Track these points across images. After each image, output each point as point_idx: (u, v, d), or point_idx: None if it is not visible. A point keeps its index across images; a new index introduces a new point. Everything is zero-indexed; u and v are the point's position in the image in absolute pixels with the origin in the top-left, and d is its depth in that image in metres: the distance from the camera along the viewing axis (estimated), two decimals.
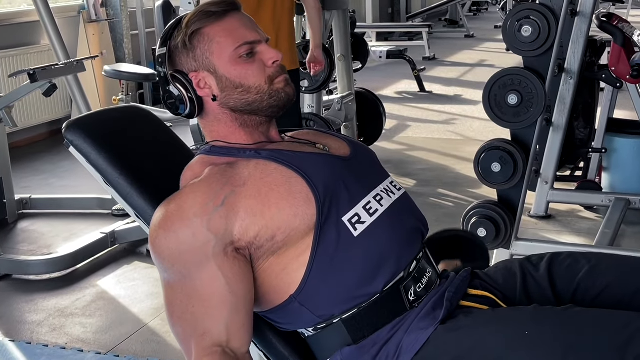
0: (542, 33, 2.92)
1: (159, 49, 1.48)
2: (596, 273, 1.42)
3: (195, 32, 1.45)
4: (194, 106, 1.47)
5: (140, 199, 1.48)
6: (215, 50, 1.45)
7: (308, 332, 1.42)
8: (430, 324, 1.33)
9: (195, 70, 1.46)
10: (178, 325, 1.36)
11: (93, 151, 1.49)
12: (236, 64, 1.44)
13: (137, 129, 1.61)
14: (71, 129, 1.51)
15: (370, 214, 1.40)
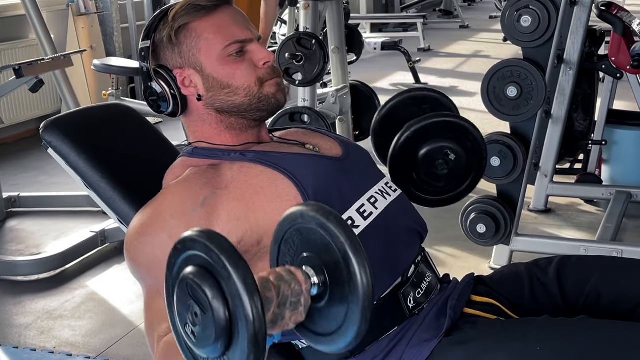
0: (542, 23, 2.84)
1: (142, 42, 1.40)
2: (609, 278, 1.34)
3: (183, 27, 1.36)
4: (177, 104, 1.38)
5: (123, 204, 1.40)
6: (203, 47, 1.36)
7: (302, 344, 1.34)
8: (434, 335, 1.25)
9: (180, 67, 1.38)
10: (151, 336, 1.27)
11: (72, 153, 1.40)
12: (225, 63, 1.36)
13: (119, 128, 1.52)
14: (49, 129, 1.42)
15: (364, 217, 1.33)
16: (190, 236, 0.95)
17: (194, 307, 0.93)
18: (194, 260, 0.94)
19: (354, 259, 0.94)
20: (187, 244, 0.96)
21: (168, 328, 1.22)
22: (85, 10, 6.20)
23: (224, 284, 0.90)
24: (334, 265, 0.96)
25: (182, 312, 0.95)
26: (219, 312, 0.90)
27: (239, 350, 0.90)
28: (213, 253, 0.91)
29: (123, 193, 1.40)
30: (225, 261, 0.90)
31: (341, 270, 0.96)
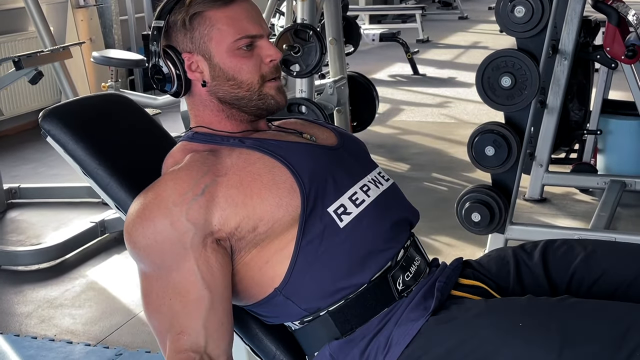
0: (535, 13, 2.87)
1: (156, 21, 1.41)
2: (592, 261, 1.38)
3: (198, 14, 1.39)
4: (181, 86, 1.41)
5: (120, 190, 1.43)
6: (215, 37, 1.39)
7: (295, 326, 1.38)
8: (421, 315, 1.29)
9: (189, 51, 1.41)
10: (154, 318, 1.31)
11: (70, 141, 1.43)
12: (233, 55, 1.39)
13: (117, 117, 1.55)
14: (48, 118, 1.46)
15: (356, 204, 1.36)
16: None
17: None
18: None
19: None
20: None
21: (188, 341, 1.26)
22: (84, 2, 6.22)
23: None
24: None
25: None
26: None
27: None
28: None
29: (120, 180, 1.44)
30: None
31: None
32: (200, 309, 1.27)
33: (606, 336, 1.16)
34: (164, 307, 1.29)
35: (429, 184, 4.22)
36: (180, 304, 1.27)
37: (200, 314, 1.27)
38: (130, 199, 1.42)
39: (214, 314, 1.27)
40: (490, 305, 1.30)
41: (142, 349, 2.60)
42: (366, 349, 1.30)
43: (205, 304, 1.26)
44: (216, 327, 1.27)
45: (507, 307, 1.29)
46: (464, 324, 1.26)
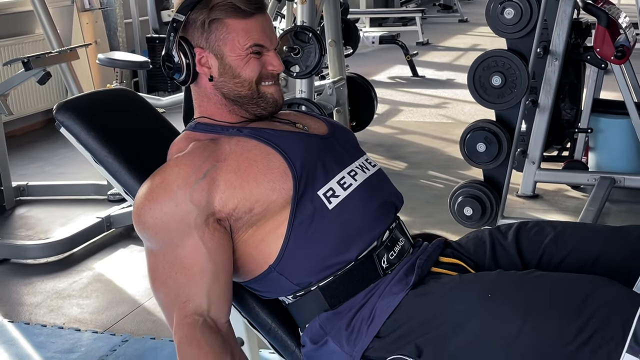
0: (524, 15, 3.00)
1: (177, 14, 1.52)
2: (560, 240, 1.50)
3: (217, 19, 1.50)
4: (189, 76, 1.53)
5: (128, 177, 1.55)
6: (229, 42, 1.51)
7: (288, 300, 1.50)
8: (402, 289, 1.41)
9: (202, 47, 1.52)
10: (160, 291, 1.43)
11: (82, 131, 1.56)
12: (241, 57, 1.51)
13: (125, 110, 1.68)
14: (62, 110, 1.58)
15: (344, 188, 1.48)
16: None
17: None
18: None
19: None
20: None
21: (192, 306, 1.39)
22: (89, 6, 6.36)
23: None
24: None
25: None
26: None
27: None
28: None
29: (128, 167, 1.56)
30: None
31: None
32: (204, 280, 1.39)
33: (566, 304, 1.27)
34: (170, 280, 1.41)
35: (425, 181, 4.34)
36: (186, 276, 1.39)
37: (204, 284, 1.39)
38: (137, 184, 1.54)
39: (217, 284, 1.40)
40: (463, 280, 1.42)
41: (147, 336, 2.72)
42: (352, 320, 1.42)
43: (209, 275, 1.39)
44: (218, 295, 1.40)
45: (478, 280, 1.41)
46: (439, 297, 1.39)
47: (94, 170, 1.56)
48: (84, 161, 1.63)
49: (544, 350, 1.26)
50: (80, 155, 1.62)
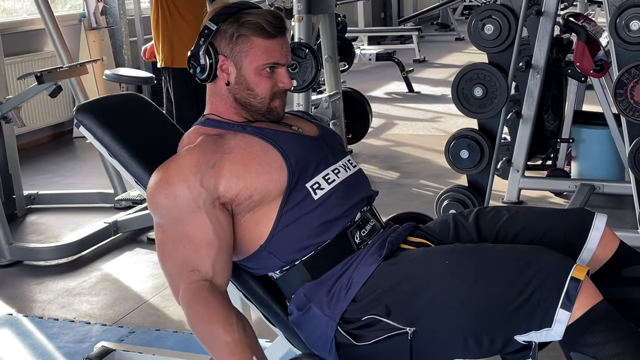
0: (502, 31, 3.23)
1: (210, 23, 1.74)
2: (513, 220, 1.72)
3: (244, 35, 1.73)
4: (209, 77, 1.76)
5: (138, 168, 1.78)
6: (250, 56, 1.74)
7: (276, 275, 1.73)
8: (375, 260, 1.64)
9: (225, 56, 1.75)
10: (168, 263, 1.65)
11: (99, 129, 1.79)
12: (258, 73, 1.75)
13: (136, 111, 1.91)
14: (81, 111, 1.81)
15: (328, 183, 1.72)
16: None
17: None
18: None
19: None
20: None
21: (198, 274, 1.60)
22: (96, 24, 6.62)
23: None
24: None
25: None
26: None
27: None
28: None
29: (139, 160, 1.79)
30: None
31: None
32: (210, 253, 1.61)
33: (509, 269, 1.49)
34: (178, 253, 1.63)
35: (416, 189, 4.56)
36: (193, 249, 1.61)
37: (210, 256, 1.61)
38: (146, 174, 1.77)
39: (220, 257, 1.62)
40: (425, 251, 1.66)
41: (152, 328, 2.93)
42: (332, 288, 1.64)
43: (215, 248, 1.61)
44: (221, 267, 1.62)
45: (438, 251, 1.64)
46: (405, 265, 1.61)
47: (100, 181, 1.75)
48: (90, 172, 1.87)
49: (492, 308, 1.47)
50: (87, 167, 1.86)
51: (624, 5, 3.05)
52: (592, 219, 1.71)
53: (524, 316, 1.45)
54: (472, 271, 1.51)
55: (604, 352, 1.40)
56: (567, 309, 1.42)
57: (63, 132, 6.50)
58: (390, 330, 1.55)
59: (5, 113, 3.96)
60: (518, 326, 1.47)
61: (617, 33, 3.08)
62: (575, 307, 1.42)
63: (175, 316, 3.03)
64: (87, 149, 5.99)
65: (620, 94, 3.08)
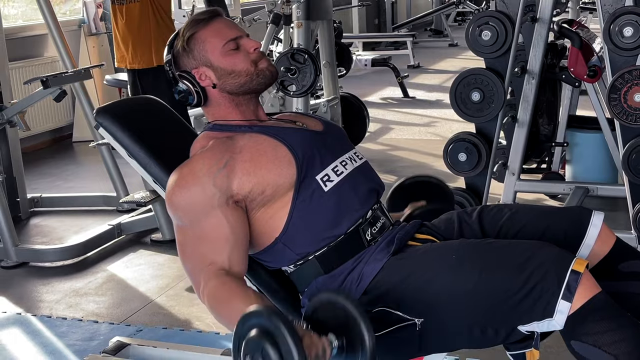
0: (499, 37, 3.32)
1: (166, 56, 1.87)
2: (515, 218, 1.80)
3: (191, 37, 1.84)
4: (200, 97, 1.84)
5: (156, 168, 1.86)
6: (209, 48, 1.83)
7: (290, 269, 1.80)
8: (384, 256, 1.71)
9: (195, 67, 1.84)
10: (189, 262, 1.72)
11: (118, 130, 1.86)
12: (226, 55, 1.82)
13: (151, 114, 1.99)
14: (101, 113, 1.89)
15: (337, 174, 1.79)
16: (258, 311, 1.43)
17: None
18: (261, 328, 1.41)
19: (365, 332, 1.46)
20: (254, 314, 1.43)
21: (216, 266, 1.67)
22: (95, 30, 6.69)
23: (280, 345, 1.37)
24: (349, 335, 1.47)
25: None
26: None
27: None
28: (277, 326, 1.38)
29: (157, 160, 1.86)
30: (286, 332, 1.38)
31: (354, 338, 1.47)
32: (226, 248, 1.68)
33: (512, 263, 1.56)
34: (197, 252, 1.70)
35: None
36: (210, 247, 1.68)
37: (226, 250, 1.68)
38: (164, 174, 1.84)
39: (236, 250, 1.69)
40: (432, 246, 1.73)
41: (160, 326, 3.00)
42: (343, 282, 1.72)
43: (230, 243, 1.68)
44: (238, 261, 1.69)
45: (444, 246, 1.72)
46: (414, 259, 1.69)
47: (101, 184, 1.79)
48: (91, 176, 1.95)
49: (496, 299, 1.55)
50: (87, 171, 1.94)
51: (617, 12, 3.14)
52: (590, 216, 1.79)
53: (527, 307, 1.53)
54: (477, 265, 1.58)
55: (603, 339, 1.49)
56: (567, 300, 1.50)
57: (63, 136, 6.56)
58: (400, 321, 1.63)
59: (10, 117, 4.03)
60: (521, 317, 1.55)
61: (611, 39, 3.18)
62: (575, 298, 1.50)
63: (181, 315, 3.10)
64: (87, 153, 6.06)
65: (614, 98, 3.17)
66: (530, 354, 1.59)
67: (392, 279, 1.66)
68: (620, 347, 1.48)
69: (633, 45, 3.15)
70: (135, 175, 4.91)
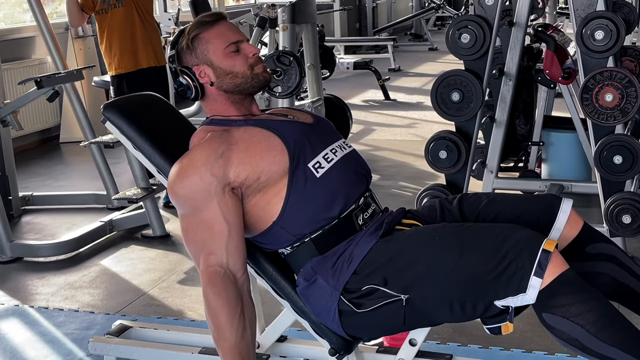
0: (478, 40, 3.48)
1: (170, 52, 2.01)
2: (492, 204, 1.96)
3: (195, 37, 1.99)
4: (197, 91, 1.99)
5: (161, 159, 2.00)
6: (211, 49, 1.98)
7: (286, 251, 1.94)
8: (374, 238, 1.87)
9: (196, 64, 1.99)
10: (191, 245, 1.87)
11: (124, 124, 2.00)
12: (227, 57, 1.98)
13: (154, 109, 2.14)
14: (108, 108, 2.03)
15: (328, 161, 1.94)
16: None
17: None
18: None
19: None
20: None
21: (215, 258, 1.82)
22: (82, 33, 6.79)
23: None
24: None
25: None
26: None
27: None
28: None
29: (160, 152, 2.00)
30: None
31: None
32: (222, 237, 1.83)
33: (489, 243, 1.72)
34: (197, 237, 1.84)
35: (396, 190, 4.80)
36: (208, 233, 1.83)
37: (223, 240, 1.83)
38: (167, 165, 1.98)
39: (232, 239, 1.83)
40: (417, 229, 1.90)
41: (154, 316, 3.12)
42: (336, 262, 1.87)
43: (226, 232, 1.83)
44: (234, 249, 1.83)
45: (428, 229, 1.88)
46: (399, 241, 1.85)
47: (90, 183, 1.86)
48: (79, 175, 2.08)
49: (474, 277, 1.70)
50: (76, 170, 2.07)
51: (589, 17, 3.32)
52: (560, 203, 1.95)
53: (502, 284, 1.68)
54: (457, 246, 1.74)
55: (572, 311, 1.64)
56: (539, 276, 1.65)
57: (50, 137, 6.65)
58: (387, 297, 1.78)
59: (3, 117, 4.14)
60: (497, 293, 1.70)
61: (583, 42, 3.35)
62: (546, 274, 1.66)
63: (174, 306, 3.23)
64: (74, 154, 6.17)
65: (586, 98, 3.34)
66: (505, 327, 1.74)
67: (380, 259, 1.81)
68: (587, 317, 1.64)
69: (604, 48, 3.32)
70: (125, 174, 5.06)
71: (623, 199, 3.39)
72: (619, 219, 3.39)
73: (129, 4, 4.41)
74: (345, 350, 1.94)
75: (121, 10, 4.39)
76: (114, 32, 4.44)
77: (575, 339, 1.66)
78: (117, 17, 4.41)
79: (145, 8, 4.49)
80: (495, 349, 2.66)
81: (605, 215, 3.47)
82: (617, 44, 3.30)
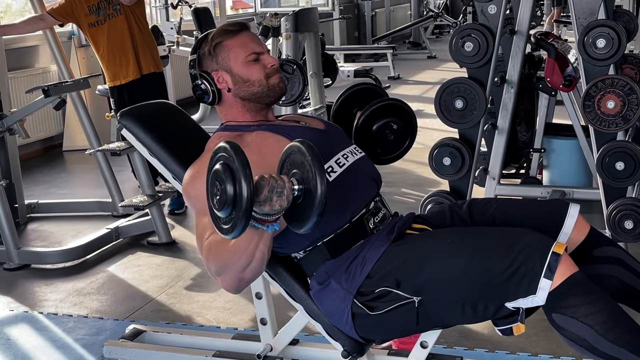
0: (481, 48, 3.52)
1: (191, 56, 2.06)
2: (501, 209, 2.00)
3: (218, 44, 2.04)
4: (215, 96, 2.04)
5: (175, 166, 2.04)
6: (232, 57, 2.03)
7: (299, 255, 1.98)
8: (386, 242, 1.91)
9: (216, 70, 2.03)
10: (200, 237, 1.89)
11: (141, 132, 2.04)
12: (246, 66, 2.02)
13: (169, 117, 2.18)
14: (124, 116, 2.07)
15: (340, 166, 1.99)
16: (221, 146, 1.62)
17: (218, 185, 1.58)
18: (222, 159, 1.61)
19: (318, 179, 1.63)
20: (219, 151, 1.62)
21: (210, 234, 1.84)
22: (85, 42, 6.82)
23: (235, 172, 1.56)
24: (308, 181, 1.64)
25: (213, 189, 1.61)
26: (229, 187, 1.56)
27: (239, 210, 1.55)
28: (231, 155, 1.58)
29: (176, 158, 2.04)
30: (236, 159, 1.56)
31: (311, 185, 1.63)
32: None
33: (500, 246, 1.76)
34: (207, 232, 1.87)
35: (399, 197, 4.84)
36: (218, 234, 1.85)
37: None
38: (182, 171, 2.03)
39: None
40: (428, 233, 1.95)
41: (162, 321, 3.16)
42: (349, 266, 1.91)
43: None
44: None
45: (439, 233, 1.93)
46: (411, 245, 1.89)
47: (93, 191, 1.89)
48: (83, 183, 2.12)
49: (486, 279, 1.74)
50: (79, 178, 2.11)
51: (591, 25, 3.36)
52: (567, 208, 1.99)
53: (513, 285, 1.72)
54: (469, 249, 1.78)
55: (581, 311, 1.69)
56: (549, 278, 1.70)
57: (53, 145, 6.69)
58: (400, 300, 1.82)
59: (10, 125, 4.17)
60: (508, 294, 1.74)
61: (585, 50, 3.39)
62: (555, 276, 1.70)
63: (182, 312, 3.27)
64: (77, 162, 6.20)
65: (588, 105, 3.39)
66: (517, 327, 1.78)
67: (393, 263, 1.85)
68: (595, 318, 1.68)
69: (606, 56, 3.36)
70: (128, 182, 5.10)
71: (625, 204, 3.43)
72: (621, 224, 3.43)
73: (126, 12, 4.43)
74: (357, 353, 1.98)
75: (119, 20, 4.41)
76: (115, 41, 4.46)
77: (584, 339, 1.70)
78: (116, 27, 4.43)
79: (140, 14, 4.51)
80: (501, 353, 2.69)
81: (608, 221, 3.50)
82: (618, 51, 3.34)
